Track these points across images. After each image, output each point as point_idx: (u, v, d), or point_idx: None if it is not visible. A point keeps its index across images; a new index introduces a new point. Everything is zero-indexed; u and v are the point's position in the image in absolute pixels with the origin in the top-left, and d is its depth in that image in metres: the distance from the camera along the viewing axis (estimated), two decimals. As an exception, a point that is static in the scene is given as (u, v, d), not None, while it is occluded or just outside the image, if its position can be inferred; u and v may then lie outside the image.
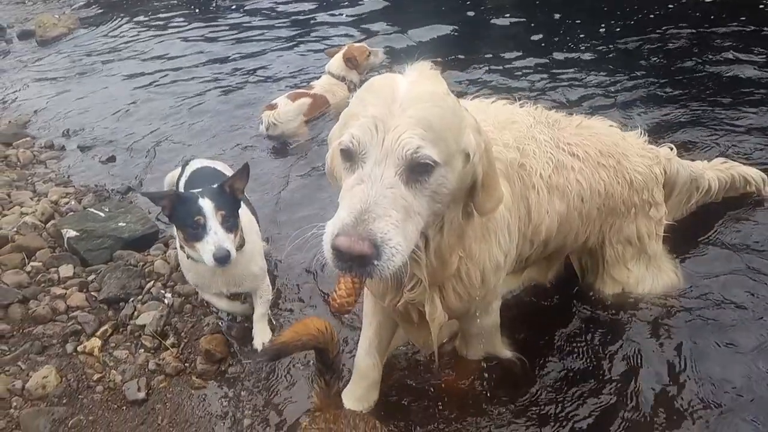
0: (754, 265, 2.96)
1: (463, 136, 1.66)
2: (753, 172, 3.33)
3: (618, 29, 6.18)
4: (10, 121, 6.00)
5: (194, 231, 2.49)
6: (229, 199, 2.59)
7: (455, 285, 2.05)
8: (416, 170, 1.56)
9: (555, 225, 2.42)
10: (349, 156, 1.60)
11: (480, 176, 1.74)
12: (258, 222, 3.14)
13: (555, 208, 2.40)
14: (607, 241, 2.77)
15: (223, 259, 2.46)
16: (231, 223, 2.55)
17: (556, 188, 2.39)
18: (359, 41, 6.07)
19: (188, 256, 2.69)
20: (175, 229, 2.74)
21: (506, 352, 2.56)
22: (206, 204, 2.49)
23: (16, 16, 10.56)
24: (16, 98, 6.81)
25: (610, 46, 5.83)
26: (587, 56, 5.64)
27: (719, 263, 3.01)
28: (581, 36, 6.12)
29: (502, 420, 2.41)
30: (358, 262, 1.48)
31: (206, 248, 2.47)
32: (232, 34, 7.75)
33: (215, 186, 2.62)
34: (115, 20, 9.28)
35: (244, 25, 7.91)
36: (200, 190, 2.61)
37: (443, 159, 1.58)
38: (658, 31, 5.89)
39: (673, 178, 2.95)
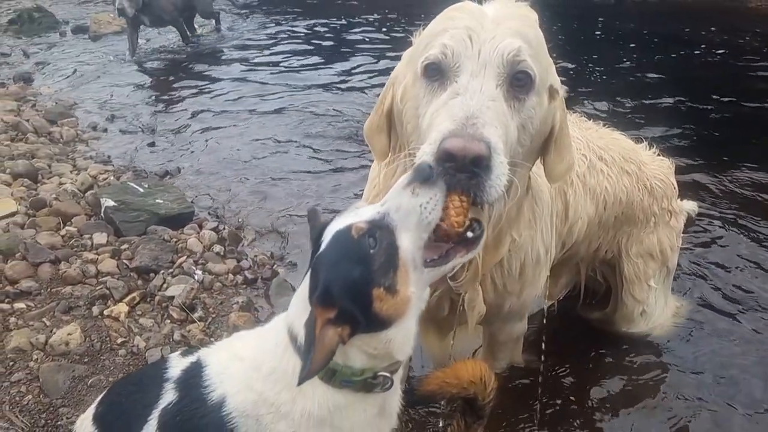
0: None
1: (551, 68, 1.55)
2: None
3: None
4: (56, 102, 6.11)
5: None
6: None
7: (493, 272, 1.88)
8: (516, 84, 1.42)
9: (585, 228, 2.24)
10: (438, 71, 1.43)
11: (558, 125, 1.60)
12: None
13: (586, 210, 2.22)
14: (624, 254, 2.55)
15: None
16: None
17: (589, 189, 2.22)
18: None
19: None
20: None
21: (522, 359, 2.43)
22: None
23: (75, 14, 10.93)
24: (65, 84, 6.96)
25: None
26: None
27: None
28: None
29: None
30: (469, 172, 1.27)
31: None
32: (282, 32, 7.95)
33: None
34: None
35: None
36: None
37: (539, 80, 1.45)
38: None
39: None
